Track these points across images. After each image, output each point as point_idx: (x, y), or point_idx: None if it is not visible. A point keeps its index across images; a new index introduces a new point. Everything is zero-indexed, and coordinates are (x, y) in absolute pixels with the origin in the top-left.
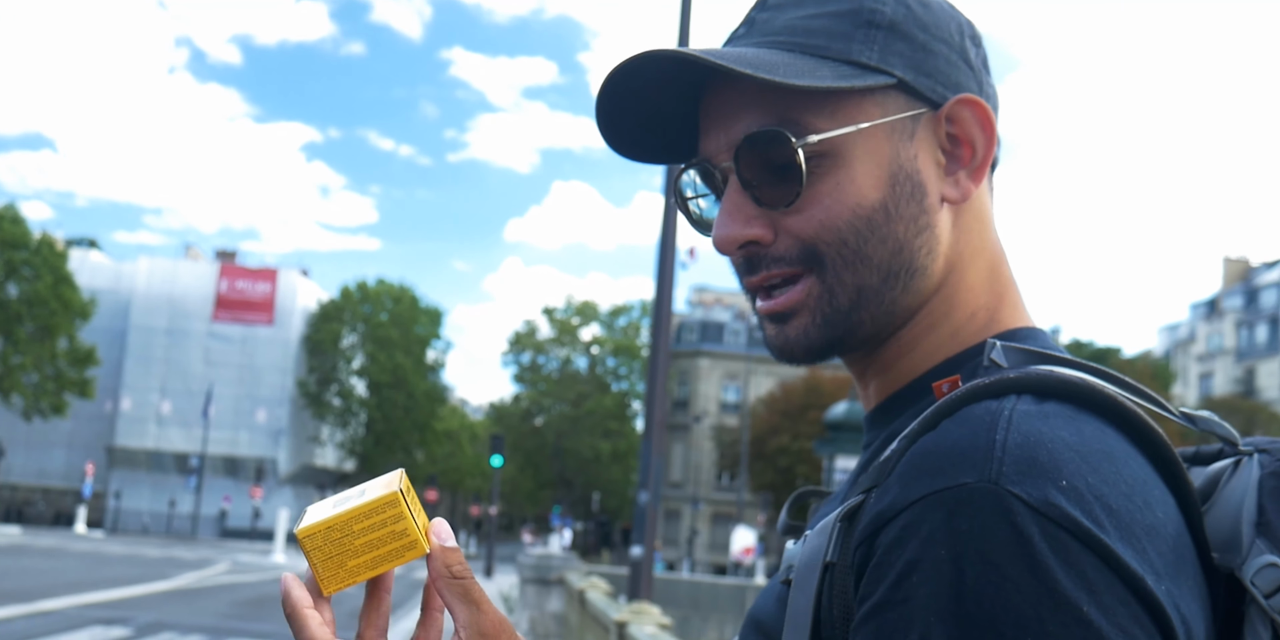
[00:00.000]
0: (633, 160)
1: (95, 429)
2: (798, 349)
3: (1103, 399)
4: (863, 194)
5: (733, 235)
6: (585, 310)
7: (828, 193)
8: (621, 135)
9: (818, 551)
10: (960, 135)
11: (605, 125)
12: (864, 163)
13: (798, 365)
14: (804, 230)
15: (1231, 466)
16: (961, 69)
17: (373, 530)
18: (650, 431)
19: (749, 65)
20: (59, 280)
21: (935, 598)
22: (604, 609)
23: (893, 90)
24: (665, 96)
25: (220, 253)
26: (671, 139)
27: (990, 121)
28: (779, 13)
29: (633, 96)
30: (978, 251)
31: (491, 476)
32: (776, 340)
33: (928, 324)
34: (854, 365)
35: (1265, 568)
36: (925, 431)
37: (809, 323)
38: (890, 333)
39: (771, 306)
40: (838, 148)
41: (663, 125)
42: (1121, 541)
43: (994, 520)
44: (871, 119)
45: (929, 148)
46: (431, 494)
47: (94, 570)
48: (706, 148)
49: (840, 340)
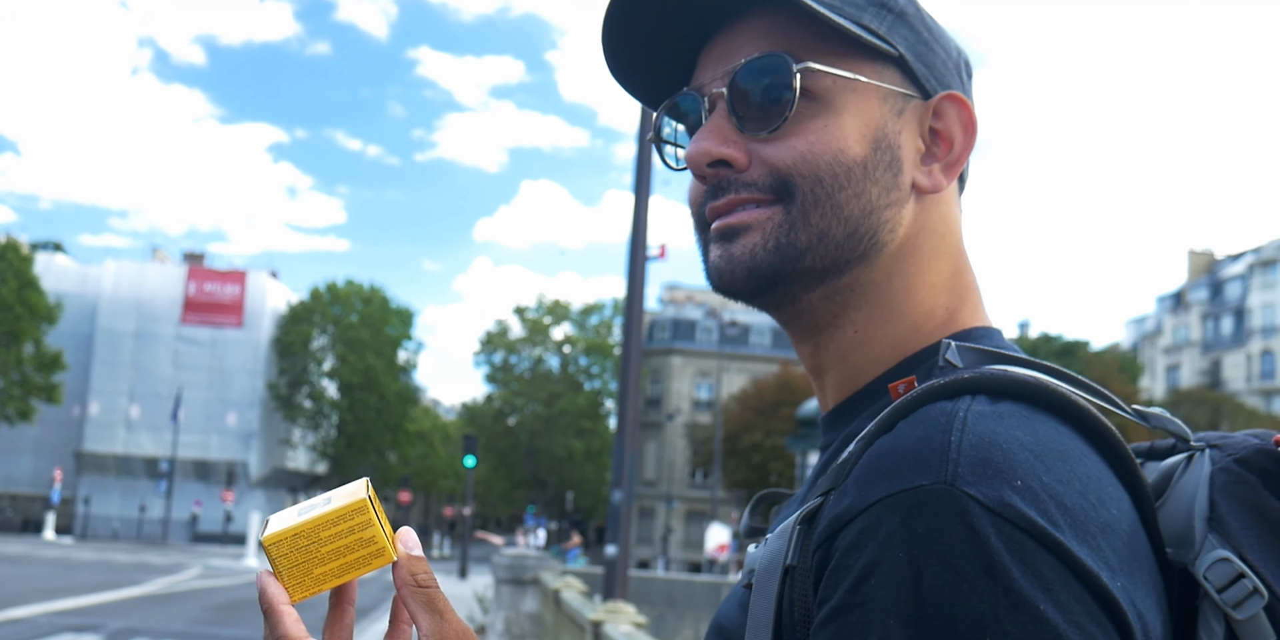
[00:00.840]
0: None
1: (63, 434)
2: (740, 268)
3: (1056, 398)
4: (847, 143)
5: (706, 149)
6: (557, 309)
7: (813, 131)
8: (622, 63)
9: (778, 555)
10: (941, 130)
11: (610, 50)
12: (854, 117)
13: (733, 294)
14: (782, 159)
15: (1184, 462)
16: (954, 76)
17: (339, 538)
18: (623, 431)
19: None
20: (24, 284)
21: (894, 600)
22: (579, 608)
23: (892, 64)
24: (668, 32)
25: (188, 255)
26: (665, 84)
27: (973, 124)
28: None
29: (638, 25)
30: (939, 252)
31: (465, 477)
32: (720, 260)
33: (883, 312)
34: (807, 353)
35: (1217, 562)
36: (881, 433)
37: (758, 243)
38: (838, 310)
39: (727, 221)
40: (831, 94)
41: (660, 64)
42: (1076, 539)
43: (950, 521)
44: (870, 79)
45: (912, 132)
46: (404, 495)
47: (64, 577)
48: (699, 79)
49: (784, 276)
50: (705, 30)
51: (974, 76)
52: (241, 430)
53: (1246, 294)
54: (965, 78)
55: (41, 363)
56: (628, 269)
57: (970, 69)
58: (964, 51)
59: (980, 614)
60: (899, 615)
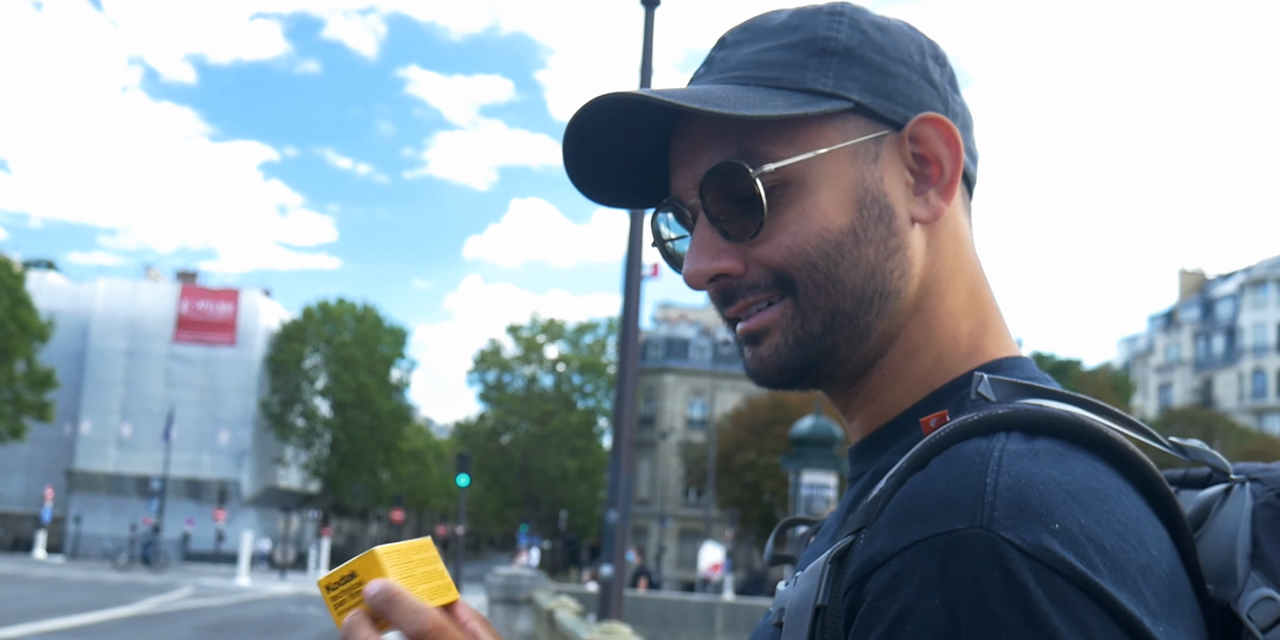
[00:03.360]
0: (609, 206)
1: (54, 453)
2: (771, 369)
3: (1093, 434)
4: (829, 219)
5: (701, 269)
6: (550, 328)
7: (793, 220)
8: (593, 183)
9: (808, 595)
10: (927, 154)
11: (575, 174)
12: (828, 188)
13: (775, 389)
14: (772, 258)
15: (1222, 494)
16: (924, 88)
17: (426, 564)
18: (619, 451)
19: (699, 101)
20: (16, 302)
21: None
22: (573, 628)
23: (851, 114)
24: (632, 141)
25: (181, 273)
26: (647, 184)
27: (955, 138)
28: (736, 49)
29: (599, 142)
30: (955, 273)
31: (458, 496)
32: (752, 362)
33: (908, 351)
34: (838, 399)
35: (1261, 601)
36: (914, 470)
37: (780, 342)
38: (870, 361)
39: (746, 326)
40: (800, 175)
41: (636, 170)
42: (1117, 584)
43: (987, 567)
44: (831, 144)
45: (895, 169)
46: (397, 514)
47: (54, 596)
48: (676, 187)
49: (814, 363)
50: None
51: (947, 63)
52: (234, 449)
53: (1238, 313)
54: (938, 75)
55: (33, 381)
56: (623, 288)
57: (942, 57)
58: (930, 43)
59: None
60: None
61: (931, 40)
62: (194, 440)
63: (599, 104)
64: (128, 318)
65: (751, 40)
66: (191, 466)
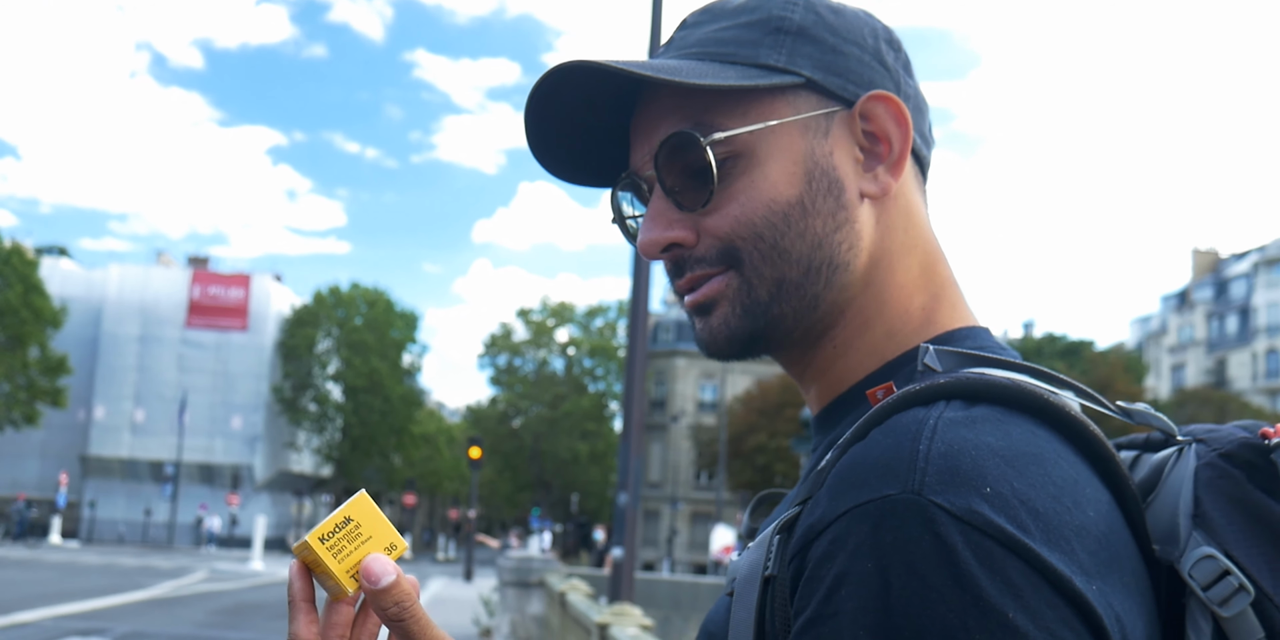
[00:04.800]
0: (573, 183)
1: (68, 438)
2: (720, 338)
3: (1033, 399)
4: (777, 190)
5: (654, 239)
6: (561, 311)
7: (742, 190)
8: (558, 159)
9: (756, 564)
10: (877, 131)
11: (539, 149)
12: (777, 160)
13: (726, 359)
14: (720, 228)
15: (1174, 456)
16: (876, 70)
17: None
18: (629, 434)
19: (651, 70)
20: (29, 289)
21: (863, 611)
22: (585, 611)
23: (803, 90)
24: (594, 118)
25: (192, 259)
26: (612, 163)
27: (904, 116)
28: (695, 29)
29: (563, 118)
30: (906, 248)
31: (470, 480)
32: (703, 333)
33: (859, 323)
34: (792, 369)
35: (1202, 560)
36: (856, 441)
37: (729, 312)
38: (821, 332)
39: (694, 298)
40: (751, 147)
41: (602, 150)
42: (1048, 544)
43: (917, 531)
44: (782, 117)
45: (845, 145)
46: (409, 498)
47: (70, 581)
48: (634, 161)
49: (762, 332)
50: (629, 105)
51: (901, 48)
52: (246, 434)
53: (1251, 293)
54: (891, 59)
55: (47, 367)
56: (632, 271)
57: (896, 43)
58: (884, 29)
59: (948, 623)
60: (868, 626)
61: (887, 27)
62: (206, 425)
63: (556, 73)
64: (140, 303)
65: (711, 21)
66: (204, 451)
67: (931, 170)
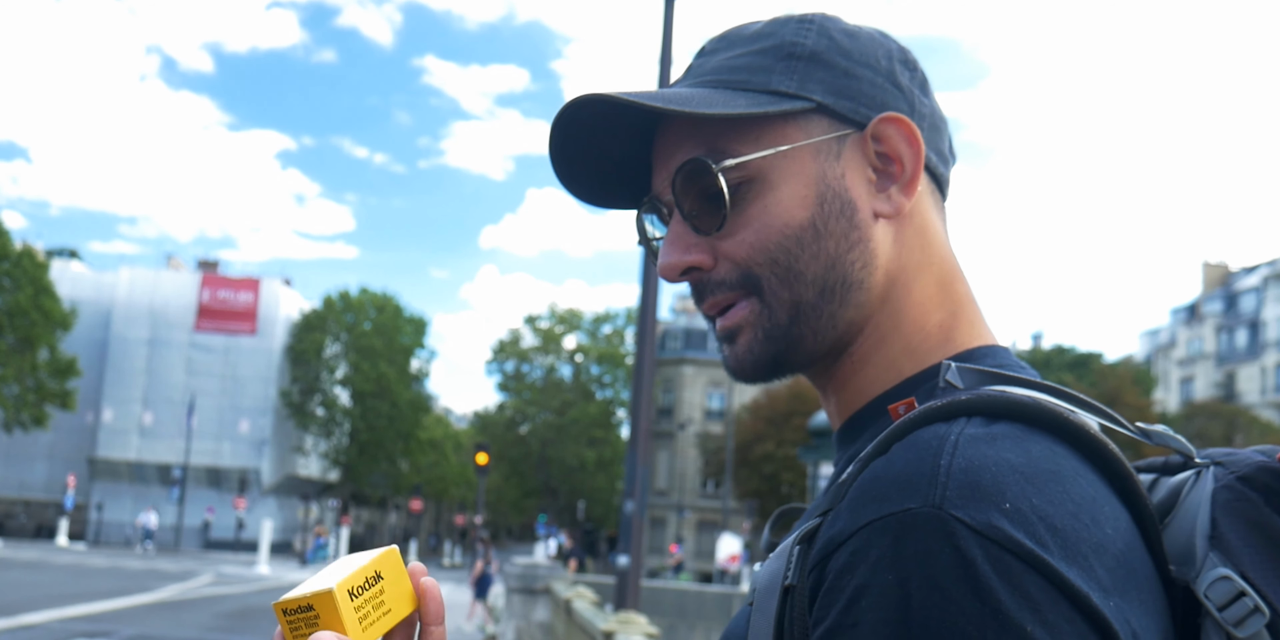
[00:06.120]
0: (599, 207)
1: (76, 441)
2: (746, 365)
3: (1053, 418)
4: (790, 213)
5: (672, 262)
6: (569, 318)
7: (756, 216)
8: (581, 183)
9: (776, 575)
10: (889, 152)
11: (563, 174)
12: (790, 184)
13: (752, 383)
14: (737, 253)
15: (1192, 478)
16: (889, 91)
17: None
18: (636, 441)
19: (664, 100)
20: (39, 291)
21: (883, 622)
22: (590, 618)
23: (814, 114)
24: (615, 144)
25: (202, 262)
26: (635, 186)
27: (915, 137)
28: (712, 57)
29: (585, 145)
30: (923, 266)
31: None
32: (730, 360)
33: (876, 338)
34: (815, 381)
35: (1218, 581)
36: (877, 455)
37: (752, 338)
38: (841, 349)
39: (724, 324)
40: (764, 171)
41: (624, 173)
42: (1066, 560)
43: (938, 544)
44: (793, 142)
45: (858, 166)
46: (416, 503)
47: (76, 583)
48: (655, 186)
49: (784, 355)
50: (648, 133)
51: (917, 67)
52: (254, 437)
53: (1261, 306)
54: (906, 79)
55: (56, 369)
56: (641, 279)
57: (912, 62)
58: (900, 49)
59: (968, 635)
60: (888, 637)
61: (902, 47)
62: (214, 429)
63: (574, 106)
64: (149, 306)
65: (727, 48)
66: (212, 455)
67: (951, 187)
